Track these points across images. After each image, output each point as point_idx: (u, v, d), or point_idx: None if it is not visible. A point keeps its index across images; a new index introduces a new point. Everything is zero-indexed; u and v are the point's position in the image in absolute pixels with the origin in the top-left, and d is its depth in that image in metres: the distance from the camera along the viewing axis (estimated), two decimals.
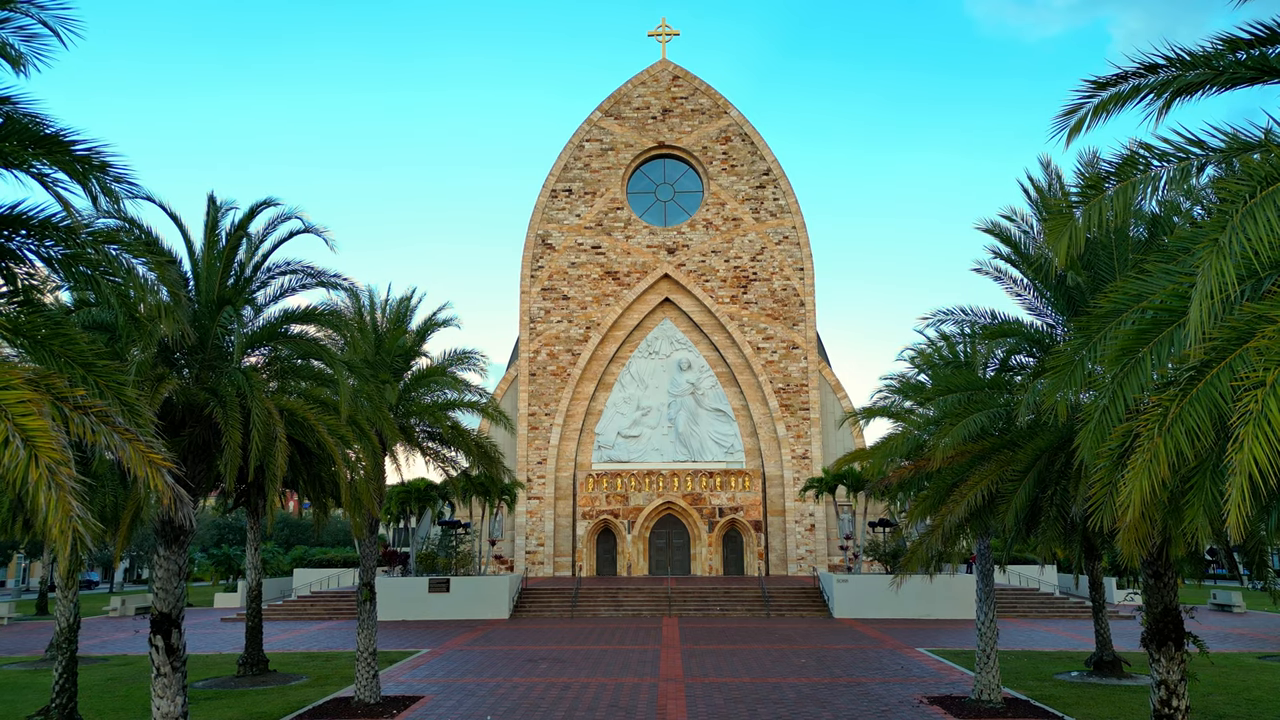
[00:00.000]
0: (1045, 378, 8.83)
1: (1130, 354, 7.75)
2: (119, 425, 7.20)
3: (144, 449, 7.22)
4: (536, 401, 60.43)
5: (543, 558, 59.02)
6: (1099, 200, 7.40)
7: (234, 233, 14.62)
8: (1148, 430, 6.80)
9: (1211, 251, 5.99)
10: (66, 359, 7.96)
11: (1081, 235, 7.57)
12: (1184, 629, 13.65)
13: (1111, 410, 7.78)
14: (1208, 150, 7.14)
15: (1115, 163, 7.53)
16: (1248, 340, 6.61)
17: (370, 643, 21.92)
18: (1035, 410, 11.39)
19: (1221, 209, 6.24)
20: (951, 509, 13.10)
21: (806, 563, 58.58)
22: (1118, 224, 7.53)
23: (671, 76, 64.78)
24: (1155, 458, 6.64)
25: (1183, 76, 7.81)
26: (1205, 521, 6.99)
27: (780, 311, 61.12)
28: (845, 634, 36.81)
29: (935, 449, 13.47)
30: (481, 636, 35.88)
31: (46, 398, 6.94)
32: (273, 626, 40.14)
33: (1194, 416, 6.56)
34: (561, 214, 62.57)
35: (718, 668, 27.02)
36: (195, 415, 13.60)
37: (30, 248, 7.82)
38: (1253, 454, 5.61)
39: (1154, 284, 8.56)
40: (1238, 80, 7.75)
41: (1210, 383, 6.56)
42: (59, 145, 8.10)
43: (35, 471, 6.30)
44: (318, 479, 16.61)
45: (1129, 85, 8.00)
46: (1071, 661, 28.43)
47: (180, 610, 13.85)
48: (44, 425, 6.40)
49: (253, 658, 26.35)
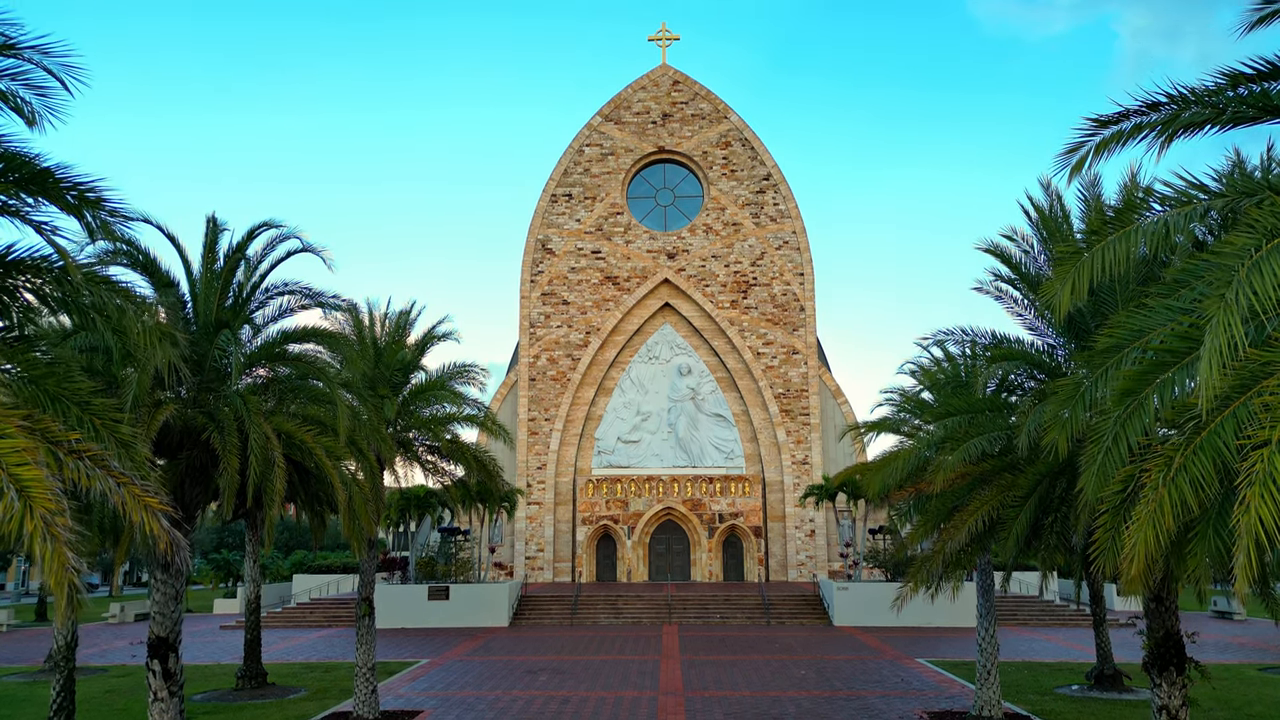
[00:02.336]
0: (1047, 408, 8.78)
1: (1132, 395, 7.71)
2: (114, 469, 7.15)
3: (139, 493, 7.17)
4: (536, 407, 60.40)
5: (542, 563, 58.98)
6: (1101, 246, 7.36)
7: (232, 255, 14.59)
8: (1152, 480, 6.76)
9: (1219, 308, 5.95)
10: (62, 397, 7.91)
11: (1084, 285, 7.54)
12: (1185, 654, 13.59)
13: (1114, 451, 7.74)
14: (1210, 194, 7.10)
15: (1116, 207, 7.49)
16: (1252, 387, 6.56)
17: (369, 657, 21.89)
18: (1036, 441, 11.34)
19: (1226, 263, 6.20)
20: (952, 534, 13.05)
21: (806, 569, 58.55)
22: (1120, 270, 7.49)
23: (671, 81, 64.75)
24: (1160, 509, 6.60)
25: (1184, 115, 7.76)
26: (1209, 570, 6.94)
27: (780, 317, 61.09)
28: (845, 643, 36.76)
29: (936, 474, 13.43)
30: (481, 646, 35.83)
31: (41, 444, 6.89)
32: (271, 634, 40.09)
33: (1198, 466, 6.52)
34: (561, 219, 62.54)
35: (718, 680, 26.97)
36: (193, 437, 13.55)
37: (26, 287, 7.77)
38: (1259, 515, 5.56)
39: (1155, 318, 8.51)
40: (1240, 120, 7.71)
41: (1214, 431, 6.52)
42: (52, 181, 8.06)
43: (31, 522, 6.25)
44: (316, 497, 16.58)
45: (1130, 124, 7.96)
46: (1072, 674, 28.37)
47: (177, 634, 13.81)
48: (39, 475, 6.36)
49: (251, 670, 26.30)
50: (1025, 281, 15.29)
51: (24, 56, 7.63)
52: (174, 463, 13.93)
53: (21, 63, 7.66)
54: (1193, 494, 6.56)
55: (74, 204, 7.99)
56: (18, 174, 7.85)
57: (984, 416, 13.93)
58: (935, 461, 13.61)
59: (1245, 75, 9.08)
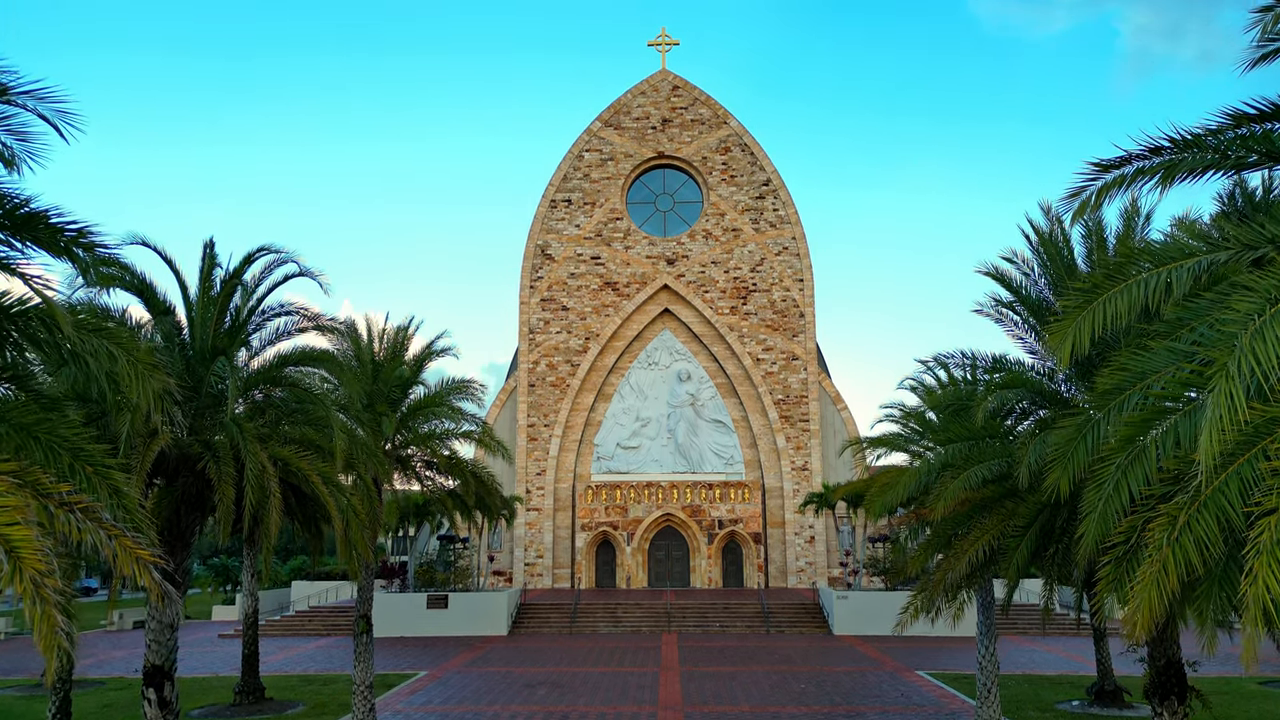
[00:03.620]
0: (1050, 437, 8.71)
1: (1134, 442, 7.63)
2: (106, 522, 7.07)
3: (130, 545, 7.09)
4: (536, 413, 60.32)
5: (541, 570, 58.90)
6: (1103, 300, 7.29)
7: (229, 280, 14.53)
8: (1155, 540, 6.69)
9: (1222, 377, 5.87)
10: (53, 445, 7.83)
11: (1086, 339, 7.47)
12: (1187, 683, 13.52)
13: (1115, 499, 7.67)
14: (1211, 243, 7.03)
15: (1117, 261, 7.43)
16: (1256, 443, 6.49)
17: (367, 675, 21.83)
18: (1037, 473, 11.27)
19: (1228, 330, 6.13)
20: (953, 564, 12.99)
21: (806, 575, 58.48)
22: (1123, 323, 7.43)
23: (671, 86, 64.66)
24: (1165, 569, 6.53)
25: (1186, 160, 7.69)
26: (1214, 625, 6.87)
27: (780, 322, 61.01)
28: (845, 654, 36.69)
29: (937, 501, 13.37)
30: (480, 656, 35.75)
31: (32, 498, 6.81)
32: (270, 643, 40.01)
33: (1202, 525, 6.45)
34: (561, 224, 62.46)
35: (717, 694, 26.88)
36: (189, 465, 13.47)
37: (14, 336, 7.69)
38: (1266, 585, 5.49)
39: (1157, 360, 8.44)
40: (1243, 166, 7.63)
41: (1219, 489, 6.45)
42: (43, 226, 7.98)
43: (20, 584, 6.17)
44: (313, 517, 16.50)
45: (1133, 168, 7.90)
46: (1073, 688, 28.29)
47: (173, 662, 13.73)
48: (28, 535, 6.27)
49: (249, 685, 26.23)
50: (1026, 305, 15.23)
51: (18, 103, 7.56)
52: (170, 488, 13.85)
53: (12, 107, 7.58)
54: (1197, 553, 6.50)
55: (65, 248, 7.91)
56: (7, 219, 7.78)
57: (985, 443, 13.86)
58: (936, 490, 13.55)
59: (1248, 115, 9.01)
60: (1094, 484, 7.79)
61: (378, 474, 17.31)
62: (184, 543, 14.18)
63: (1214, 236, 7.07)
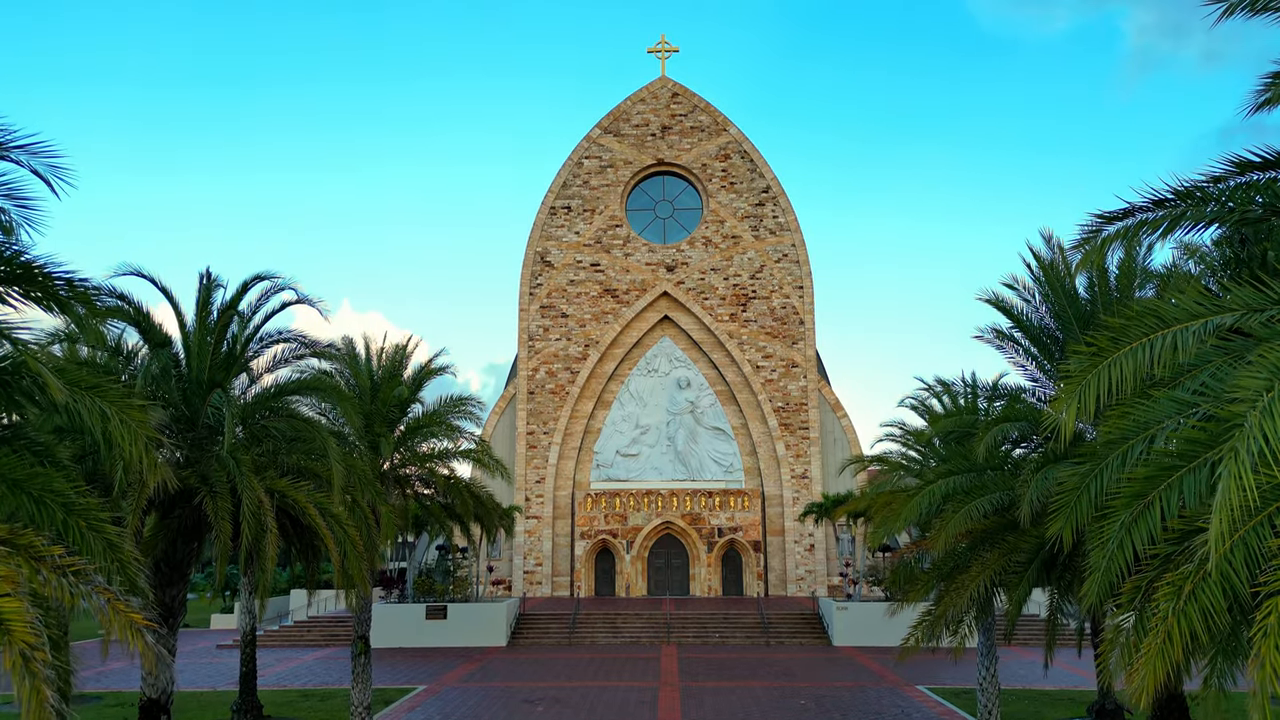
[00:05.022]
0: (1053, 473, 8.65)
1: (1140, 498, 7.56)
2: (99, 585, 7.00)
3: (123, 609, 7.02)
4: (535, 420, 60.25)
5: (541, 577, 58.81)
6: (1108, 364, 7.22)
7: (225, 311, 14.45)
8: (1160, 611, 6.62)
9: (1231, 459, 5.79)
10: (46, 501, 7.75)
11: (1091, 405, 7.40)
12: (1189, 716, 13.45)
13: (1119, 556, 7.60)
14: (1216, 304, 6.96)
15: (1120, 324, 7.35)
16: (1262, 510, 6.41)
17: (365, 696, 21.79)
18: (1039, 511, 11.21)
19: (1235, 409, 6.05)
20: (954, 600, 12.93)
21: (806, 583, 58.39)
22: (1128, 388, 7.36)
23: (671, 93, 64.60)
24: (1170, 640, 6.46)
25: (1190, 213, 7.63)
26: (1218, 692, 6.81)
27: (780, 330, 60.95)
28: (845, 666, 36.61)
29: (938, 536, 13.30)
30: (478, 669, 35.65)
31: (25, 562, 6.72)
32: (268, 654, 39.91)
33: (1207, 595, 6.38)
34: (560, 231, 62.39)
35: (716, 711, 26.80)
36: (186, 497, 13.39)
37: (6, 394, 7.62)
38: (1273, 669, 5.41)
39: (1160, 410, 8.37)
40: (1246, 220, 7.56)
41: (1224, 557, 6.37)
42: (41, 276, 7.90)
43: (10, 658, 6.09)
44: (310, 546, 16.44)
45: (1135, 220, 7.84)
46: (1073, 705, 28.22)
47: (169, 696, 13.65)
48: (18, 607, 6.20)
49: (247, 704, 26.10)
50: (1027, 334, 15.18)
51: (12, 158, 7.49)
52: (166, 520, 13.77)
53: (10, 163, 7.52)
54: (1202, 624, 6.42)
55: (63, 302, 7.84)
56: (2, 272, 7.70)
57: (986, 475, 13.80)
58: (937, 524, 13.49)
59: (1252, 163, 8.94)
60: (1098, 540, 7.73)
61: (375, 502, 17.24)
62: (181, 573, 14.11)
63: (1219, 298, 7.00)
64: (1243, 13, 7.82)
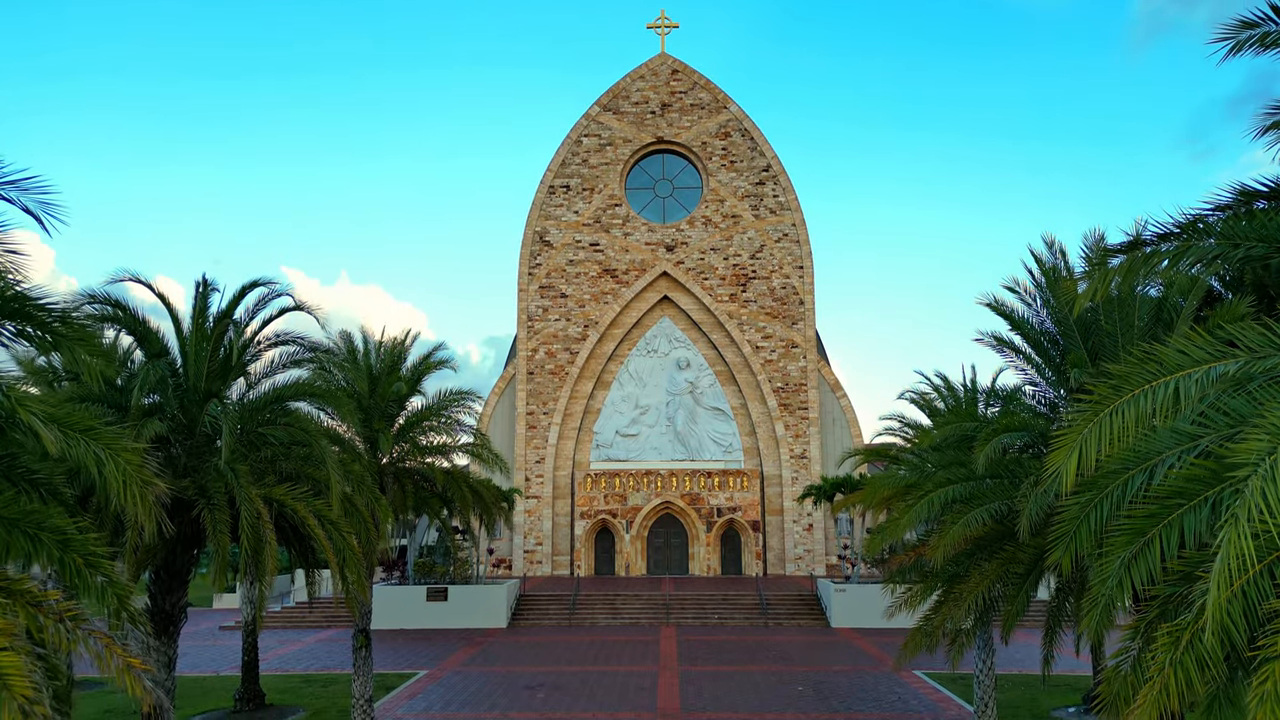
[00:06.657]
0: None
1: (1140, 535, 7.55)
2: (97, 630, 7.01)
3: (122, 653, 7.03)
4: (535, 400, 60.29)
5: (541, 557, 59.12)
6: (1109, 411, 7.18)
7: (221, 318, 14.38)
8: (1158, 662, 6.63)
9: (1231, 527, 5.77)
10: (39, 538, 7.73)
11: (1092, 457, 7.37)
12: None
13: (1119, 594, 7.60)
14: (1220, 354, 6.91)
15: (1122, 371, 7.30)
16: (1263, 559, 6.40)
17: (366, 688, 21.96)
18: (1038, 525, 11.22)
19: (1237, 475, 6.02)
20: (952, 611, 12.98)
21: (804, 562, 58.72)
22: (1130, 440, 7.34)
23: (670, 70, 64.02)
24: (1166, 690, 6.47)
25: (1194, 249, 7.57)
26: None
27: (779, 310, 60.83)
28: (843, 650, 36.90)
29: (936, 548, 13.34)
30: (480, 653, 35.92)
31: (22, 610, 6.72)
32: (270, 636, 40.23)
33: (1204, 646, 6.38)
34: (559, 210, 62.08)
35: (715, 698, 27.05)
36: (183, 508, 13.40)
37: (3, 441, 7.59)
38: None
39: (1161, 441, 8.34)
40: (1251, 259, 7.50)
41: (1224, 610, 6.35)
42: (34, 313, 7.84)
43: (8, 713, 6.10)
44: (309, 550, 16.48)
45: (1141, 254, 7.76)
46: (1071, 691, 28.44)
47: (169, 706, 13.73)
48: (16, 661, 6.20)
49: (249, 692, 26.37)
50: (1027, 338, 15.13)
51: (2, 195, 7.41)
52: None
53: None
54: (1198, 674, 6.44)
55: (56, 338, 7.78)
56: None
57: (985, 484, 13.81)
58: (936, 534, 13.51)
59: (1259, 192, 8.86)
60: (1098, 576, 7.73)
61: (375, 509, 17.26)
62: (180, 581, 14.16)
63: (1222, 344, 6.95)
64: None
